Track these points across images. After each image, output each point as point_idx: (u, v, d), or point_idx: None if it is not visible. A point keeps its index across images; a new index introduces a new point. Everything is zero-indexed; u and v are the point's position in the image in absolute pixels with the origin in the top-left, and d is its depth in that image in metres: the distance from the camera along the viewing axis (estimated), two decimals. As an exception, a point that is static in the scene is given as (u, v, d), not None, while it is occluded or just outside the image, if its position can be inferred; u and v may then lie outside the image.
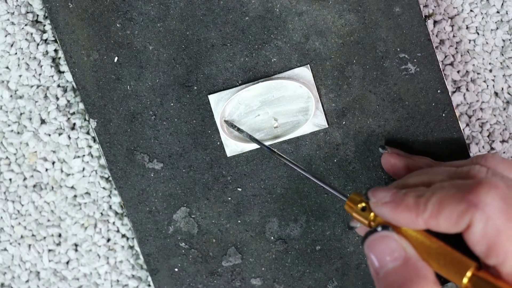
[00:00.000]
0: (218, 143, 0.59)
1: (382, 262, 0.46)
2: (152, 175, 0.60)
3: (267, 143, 0.59)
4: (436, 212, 0.45)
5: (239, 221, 0.60)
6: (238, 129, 0.58)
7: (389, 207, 0.47)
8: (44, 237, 0.64)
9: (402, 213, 0.46)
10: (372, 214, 0.49)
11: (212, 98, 0.59)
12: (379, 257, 0.46)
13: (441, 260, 0.46)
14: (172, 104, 0.59)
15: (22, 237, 0.64)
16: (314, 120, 0.59)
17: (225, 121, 0.59)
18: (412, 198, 0.46)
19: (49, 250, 0.64)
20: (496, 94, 0.63)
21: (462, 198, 0.44)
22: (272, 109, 0.59)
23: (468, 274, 0.45)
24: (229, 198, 0.60)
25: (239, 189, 0.60)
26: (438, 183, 0.47)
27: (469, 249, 0.45)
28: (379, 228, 0.47)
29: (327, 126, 0.59)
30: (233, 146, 0.59)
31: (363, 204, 0.50)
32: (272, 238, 0.61)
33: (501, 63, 0.62)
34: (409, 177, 0.51)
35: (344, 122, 0.59)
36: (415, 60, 0.58)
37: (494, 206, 0.44)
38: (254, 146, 0.59)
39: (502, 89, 0.63)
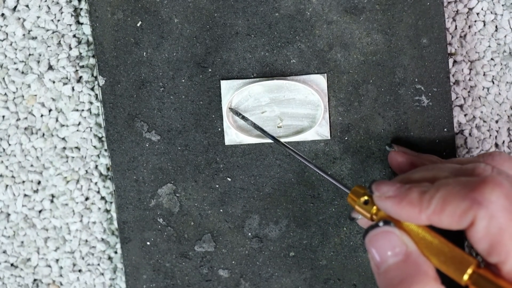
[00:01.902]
0: (219, 129, 0.59)
1: (383, 257, 0.46)
2: (147, 145, 0.59)
3: (266, 140, 0.59)
4: (440, 208, 0.45)
5: (221, 210, 0.60)
6: (243, 117, 0.58)
7: (393, 201, 0.47)
8: (23, 181, 0.64)
9: (405, 208, 0.46)
10: (374, 207, 0.49)
11: (224, 84, 0.59)
12: (380, 252, 0.47)
13: (441, 257, 0.46)
14: (183, 80, 0.59)
15: (1, 175, 0.63)
16: (318, 129, 0.59)
17: (229, 108, 0.58)
18: (416, 193, 0.46)
19: (25, 195, 0.64)
20: (496, 145, 0.63)
21: (466, 195, 0.44)
22: (280, 108, 0.59)
23: (469, 271, 0.45)
24: (217, 186, 0.60)
25: (229, 179, 0.60)
26: (443, 179, 0.47)
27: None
28: (381, 223, 0.47)
29: (329, 138, 0.59)
30: (233, 136, 0.59)
31: (366, 198, 0.49)
32: (249, 234, 0.60)
33: (508, 116, 0.63)
34: (414, 172, 0.51)
35: (346, 138, 0.59)
36: (429, 94, 0.58)
37: (498, 204, 0.44)
38: (254, 140, 0.59)
39: (504, 142, 0.63)
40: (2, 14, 0.61)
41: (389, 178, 0.59)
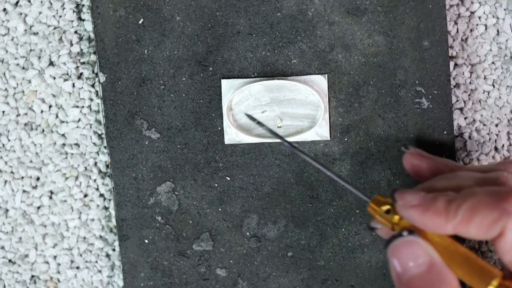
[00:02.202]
0: (219, 128, 0.59)
1: (405, 268, 0.45)
2: (146, 143, 0.59)
3: (266, 140, 0.59)
4: (467, 218, 0.44)
5: (219, 209, 0.60)
6: (258, 123, 0.56)
7: (418, 210, 0.46)
8: (22, 177, 0.64)
9: (431, 217, 0.45)
10: (396, 217, 0.48)
11: (225, 83, 0.59)
12: (402, 262, 0.45)
13: (465, 267, 0.45)
14: (184, 78, 0.59)
15: (0, 171, 0.63)
16: (318, 130, 0.59)
17: (245, 114, 0.58)
18: (442, 202, 0.45)
19: (24, 191, 0.64)
20: (496, 149, 0.63)
21: (496, 205, 0.44)
22: (280, 108, 0.59)
23: (494, 283, 0.44)
24: (216, 185, 0.60)
25: (228, 178, 0.60)
26: (468, 188, 0.46)
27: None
28: (405, 233, 0.46)
29: (329, 138, 0.59)
30: (232, 135, 0.59)
31: (388, 207, 0.48)
32: (247, 233, 0.60)
33: (508, 120, 0.63)
34: (436, 180, 0.50)
35: (346, 139, 0.59)
36: (430, 97, 0.58)
37: None
38: (253, 139, 0.59)
39: (503, 145, 0.63)
40: (4, 9, 0.62)
41: (388, 179, 0.59)
